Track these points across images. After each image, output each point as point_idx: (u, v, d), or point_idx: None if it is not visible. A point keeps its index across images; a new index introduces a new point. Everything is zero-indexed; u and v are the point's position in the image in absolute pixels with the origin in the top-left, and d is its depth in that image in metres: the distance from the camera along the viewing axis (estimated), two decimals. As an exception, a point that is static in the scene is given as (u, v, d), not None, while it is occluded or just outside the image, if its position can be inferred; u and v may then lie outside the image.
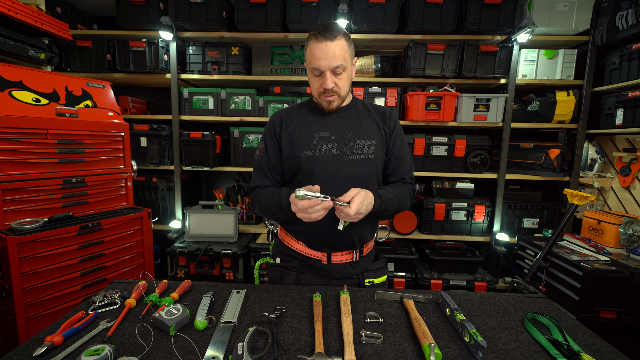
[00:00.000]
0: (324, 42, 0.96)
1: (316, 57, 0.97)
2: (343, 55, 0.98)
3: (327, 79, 0.99)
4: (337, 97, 1.04)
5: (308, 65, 1.02)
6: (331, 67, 0.97)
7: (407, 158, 1.15)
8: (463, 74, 2.43)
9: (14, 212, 1.53)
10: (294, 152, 1.07)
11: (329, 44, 0.96)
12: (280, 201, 0.99)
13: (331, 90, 1.01)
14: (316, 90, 1.04)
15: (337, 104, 1.07)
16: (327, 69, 0.98)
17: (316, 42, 0.97)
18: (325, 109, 1.08)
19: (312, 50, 0.98)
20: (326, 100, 1.04)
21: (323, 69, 0.98)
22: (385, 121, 1.13)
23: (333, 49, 0.96)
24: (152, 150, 2.61)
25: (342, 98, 1.06)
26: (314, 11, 2.41)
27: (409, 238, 2.62)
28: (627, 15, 2.06)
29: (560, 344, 0.76)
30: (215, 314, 0.88)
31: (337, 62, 0.97)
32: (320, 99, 1.05)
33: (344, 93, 1.05)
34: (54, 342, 0.73)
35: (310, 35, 1.00)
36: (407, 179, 1.14)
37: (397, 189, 1.06)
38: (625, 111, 2.15)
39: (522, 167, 2.65)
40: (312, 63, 0.99)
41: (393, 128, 1.13)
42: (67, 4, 2.55)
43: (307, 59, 1.02)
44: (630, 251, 1.98)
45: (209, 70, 2.56)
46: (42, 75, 1.69)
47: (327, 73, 0.98)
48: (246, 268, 2.46)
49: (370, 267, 1.15)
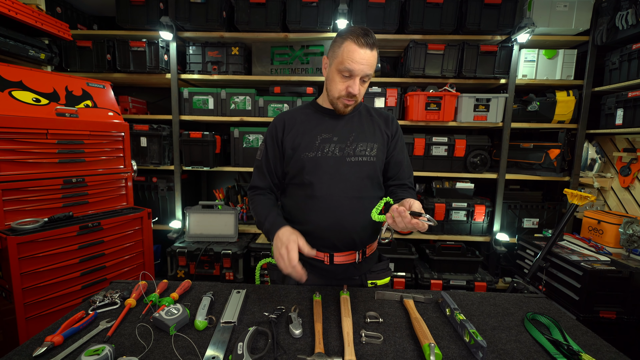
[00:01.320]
0: (365, 48, 0.95)
1: (354, 60, 0.96)
2: (374, 65, 1.00)
3: (356, 84, 1.00)
4: (355, 102, 1.06)
5: (340, 64, 0.98)
6: (364, 74, 0.99)
7: (407, 163, 1.18)
8: (463, 74, 2.43)
9: (14, 212, 1.53)
10: (296, 153, 1.07)
11: (368, 52, 0.96)
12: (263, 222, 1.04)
13: (355, 96, 1.02)
14: (338, 92, 1.03)
15: (352, 108, 1.09)
16: (360, 74, 0.98)
17: (356, 46, 0.95)
18: (340, 111, 1.09)
19: (351, 53, 0.96)
20: (345, 103, 1.05)
21: (357, 73, 0.98)
22: (387, 125, 1.14)
23: (370, 57, 0.97)
24: (152, 150, 2.61)
25: (357, 104, 1.10)
26: (314, 11, 2.41)
27: (409, 238, 2.62)
28: (627, 15, 2.06)
29: (560, 344, 0.76)
30: (215, 314, 0.88)
31: (369, 71, 0.99)
32: (339, 100, 1.05)
33: (360, 99, 1.08)
34: (54, 342, 0.73)
35: (348, 34, 0.97)
36: (409, 184, 1.16)
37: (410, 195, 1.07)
38: (625, 111, 2.15)
39: (522, 167, 2.65)
40: (346, 63, 0.97)
41: (394, 132, 1.15)
42: (67, 4, 2.55)
43: (341, 57, 0.98)
44: (630, 251, 1.97)
45: (209, 70, 2.56)
46: (42, 75, 1.69)
47: (357, 79, 0.99)
48: (246, 268, 2.46)
49: (373, 269, 1.15)
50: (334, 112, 1.11)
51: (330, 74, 1.04)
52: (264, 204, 1.09)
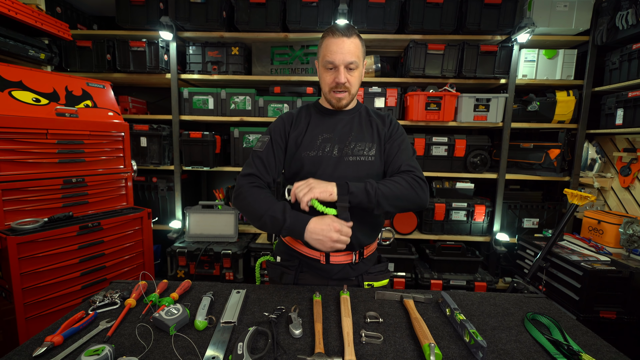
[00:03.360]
0: (340, 38, 0.99)
1: (331, 51, 0.99)
2: (357, 52, 1.01)
3: (341, 73, 1.01)
4: (347, 94, 1.06)
5: (322, 59, 1.03)
6: (346, 62, 1.00)
7: (406, 150, 1.10)
8: (463, 74, 2.43)
9: (14, 212, 1.53)
10: (297, 152, 1.08)
11: (345, 40, 0.99)
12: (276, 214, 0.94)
13: (343, 86, 1.03)
14: (327, 85, 1.05)
15: (347, 102, 1.08)
16: (342, 63, 1.00)
17: (332, 38, 1.00)
18: (335, 106, 1.10)
19: (328, 45, 1.00)
20: (336, 97, 1.06)
21: (337, 63, 1.00)
22: (384, 124, 1.14)
23: (349, 45, 0.99)
24: (152, 150, 2.61)
25: (352, 96, 1.08)
26: (314, 11, 2.41)
27: (409, 238, 2.62)
28: (627, 15, 2.06)
29: (560, 344, 0.76)
30: (215, 314, 0.88)
31: (351, 58, 0.99)
32: (330, 95, 1.07)
33: (354, 91, 1.07)
34: (54, 342, 0.73)
35: (326, 33, 1.03)
36: (404, 166, 1.05)
37: (387, 180, 1.01)
38: (625, 111, 2.15)
39: (522, 167, 2.65)
40: (326, 56, 1.01)
41: (390, 130, 1.13)
42: (67, 4, 2.55)
43: (322, 53, 1.03)
44: (630, 251, 1.97)
45: (209, 70, 2.56)
46: (42, 75, 1.69)
47: (341, 67, 1.00)
48: (246, 268, 2.46)
49: (370, 270, 1.15)
50: (335, 112, 1.13)
51: (320, 72, 1.08)
52: (268, 197, 0.99)
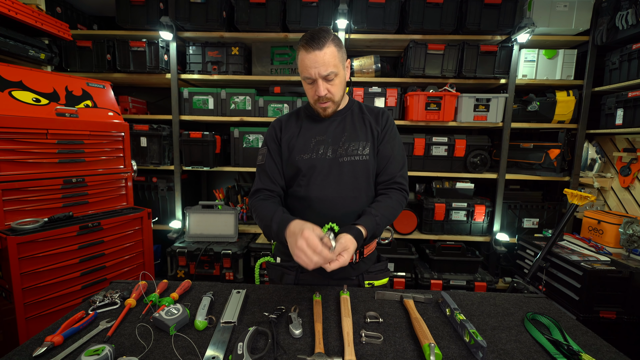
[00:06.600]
0: (312, 52, 0.96)
1: (306, 67, 0.98)
2: (333, 61, 0.98)
3: (320, 86, 0.99)
4: (332, 103, 1.05)
5: (300, 74, 1.03)
6: (322, 75, 0.98)
7: (399, 157, 1.11)
8: (463, 74, 2.43)
9: (14, 212, 1.53)
10: (292, 156, 1.08)
11: (317, 54, 0.96)
12: (270, 224, 0.95)
13: (325, 97, 1.02)
14: (311, 98, 1.06)
15: (333, 110, 1.08)
16: (318, 77, 0.98)
17: (305, 52, 0.97)
18: (322, 115, 1.09)
19: (302, 60, 0.99)
20: (321, 107, 1.06)
21: (314, 77, 0.99)
22: (378, 121, 1.12)
23: (322, 58, 0.96)
24: (152, 150, 2.61)
25: (337, 103, 1.07)
26: (314, 11, 2.41)
27: (409, 238, 2.62)
28: (627, 15, 2.06)
29: (560, 344, 0.76)
30: (215, 314, 0.88)
31: (327, 70, 0.97)
32: (316, 106, 1.07)
33: (338, 98, 1.06)
34: (54, 342, 0.73)
35: (299, 45, 1.00)
36: (398, 177, 1.09)
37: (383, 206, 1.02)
38: (625, 111, 2.15)
39: (522, 167, 2.65)
40: (303, 72, 1.00)
41: (384, 127, 1.11)
42: (67, 4, 2.55)
43: (299, 68, 1.02)
44: (630, 251, 1.97)
45: (209, 70, 2.56)
46: (42, 75, 1.69)
47: (319, 81, 0.99)
48: (246, 268, 2.46)
49: (370, 269, 1.15)
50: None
51: (303, 85, 1.07)
52: (267, 207, 1.02)
